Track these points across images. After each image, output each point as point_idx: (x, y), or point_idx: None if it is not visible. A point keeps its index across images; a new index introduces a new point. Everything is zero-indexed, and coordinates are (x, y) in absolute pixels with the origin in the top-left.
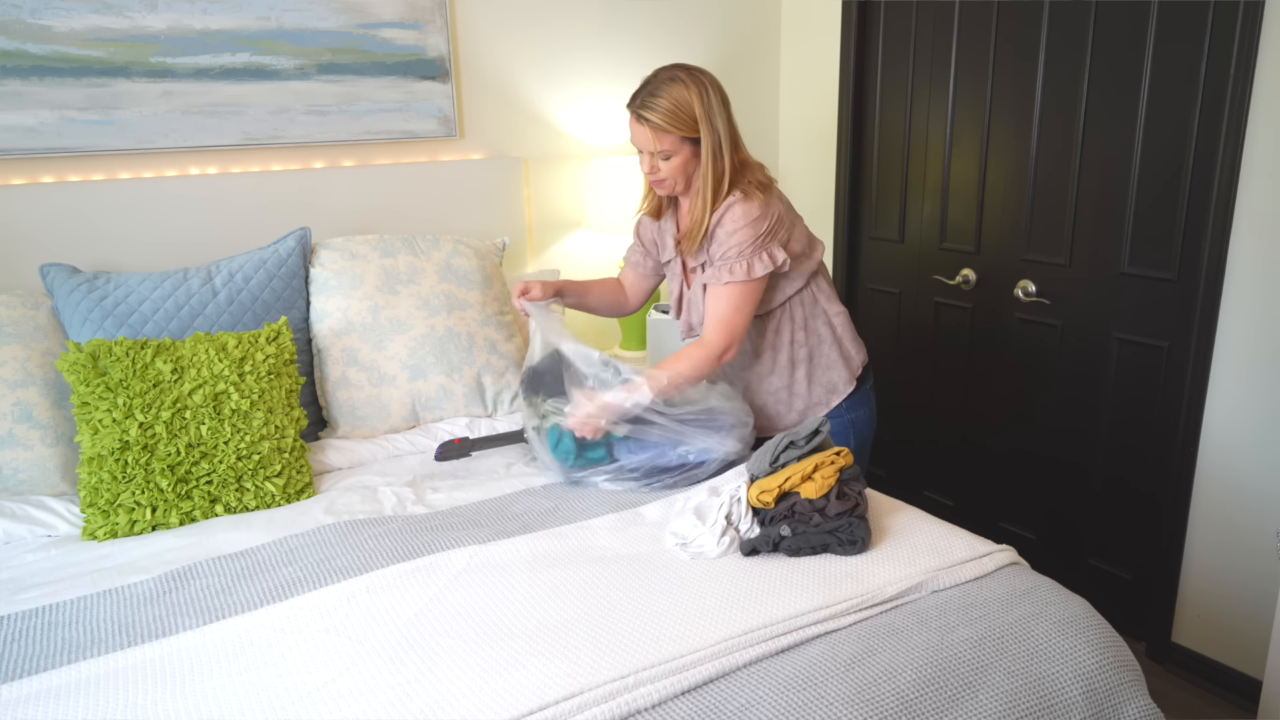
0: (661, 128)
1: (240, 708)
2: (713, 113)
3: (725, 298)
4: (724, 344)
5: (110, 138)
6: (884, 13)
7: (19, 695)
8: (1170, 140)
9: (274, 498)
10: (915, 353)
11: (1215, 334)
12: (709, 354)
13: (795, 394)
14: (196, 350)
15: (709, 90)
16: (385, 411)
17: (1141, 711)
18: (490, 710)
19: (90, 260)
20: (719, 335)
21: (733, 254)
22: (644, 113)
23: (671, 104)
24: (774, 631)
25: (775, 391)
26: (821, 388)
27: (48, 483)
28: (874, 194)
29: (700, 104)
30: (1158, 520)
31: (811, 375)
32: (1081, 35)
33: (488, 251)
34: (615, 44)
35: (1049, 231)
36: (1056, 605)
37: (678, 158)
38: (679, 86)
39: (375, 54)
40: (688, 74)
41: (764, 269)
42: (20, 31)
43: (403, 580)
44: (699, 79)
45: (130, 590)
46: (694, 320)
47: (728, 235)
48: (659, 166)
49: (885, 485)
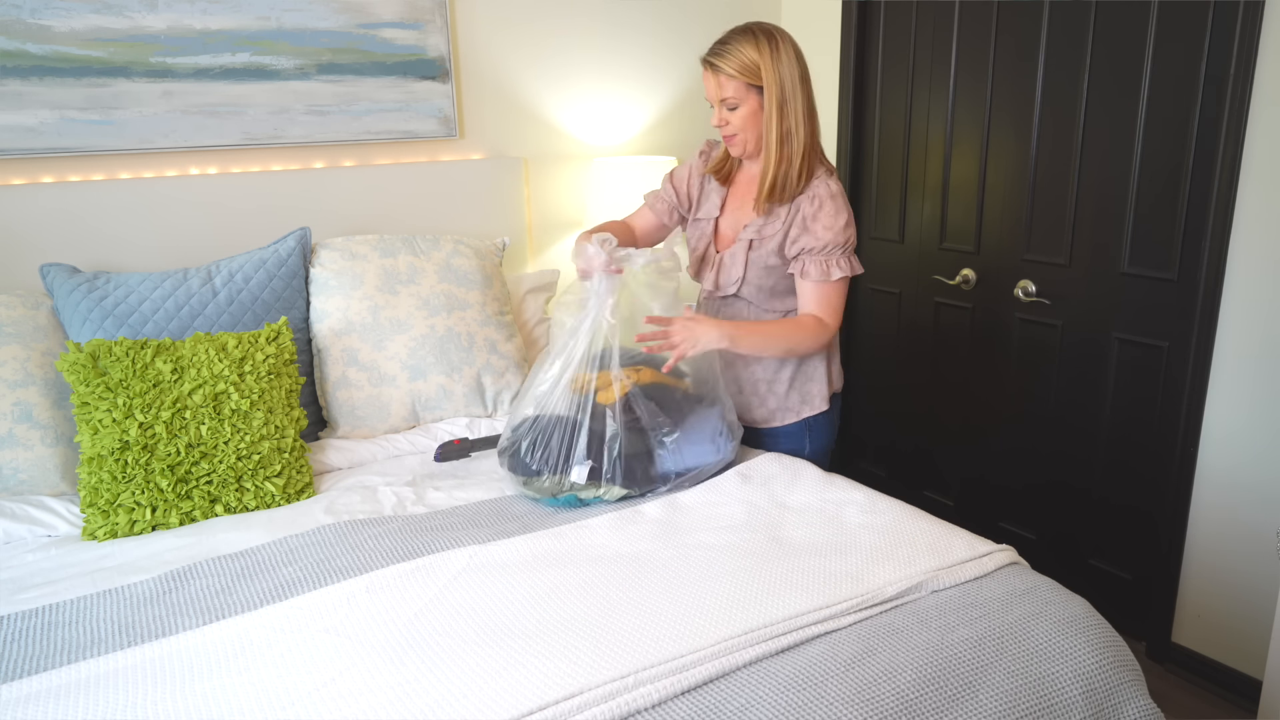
0: (725, 72)
1: (240, 708)
2: (780, 63)
3: (837, 290)
4: (836, 327)
5: (110, 138)
6: (884, 13)
7: (19, 695)
8: (1170, 140)
9: (274, 498)
10: (915, 353)
11: (1215, 334)
12: (826, 334)
13: (773, 392)
14: (196, 350)
15: (779, 44)
16: (385, 411)
17: (1141, 711)
18: (490, 710)
19: (90, 260)
20: (835, 320)
21: (837, 250)
22: (711, 58)
23: (738, 51)
24: (774, 631)
25: (754, 382)
26: (798, 395)
27: (48, 483)
28: (874, 194)
29: (768, 54)
30: (1157, 520)
31: (795, 380)
32: (1081, 35)
33: (488, 251)
34: (615, 44)
35: (1049, 231)
36: (1056, 605)
37: (744, 108)
38: (749, 37)
39: (375, 54)
40: (761, 28)
41: (858, 268)
42: (20, 31)
43: (402, 580)
44: (771, 34)
45: (130, 590)
46: (723, 281)
47: (830, 233)
48: (728, 119)
49: (885, 485)
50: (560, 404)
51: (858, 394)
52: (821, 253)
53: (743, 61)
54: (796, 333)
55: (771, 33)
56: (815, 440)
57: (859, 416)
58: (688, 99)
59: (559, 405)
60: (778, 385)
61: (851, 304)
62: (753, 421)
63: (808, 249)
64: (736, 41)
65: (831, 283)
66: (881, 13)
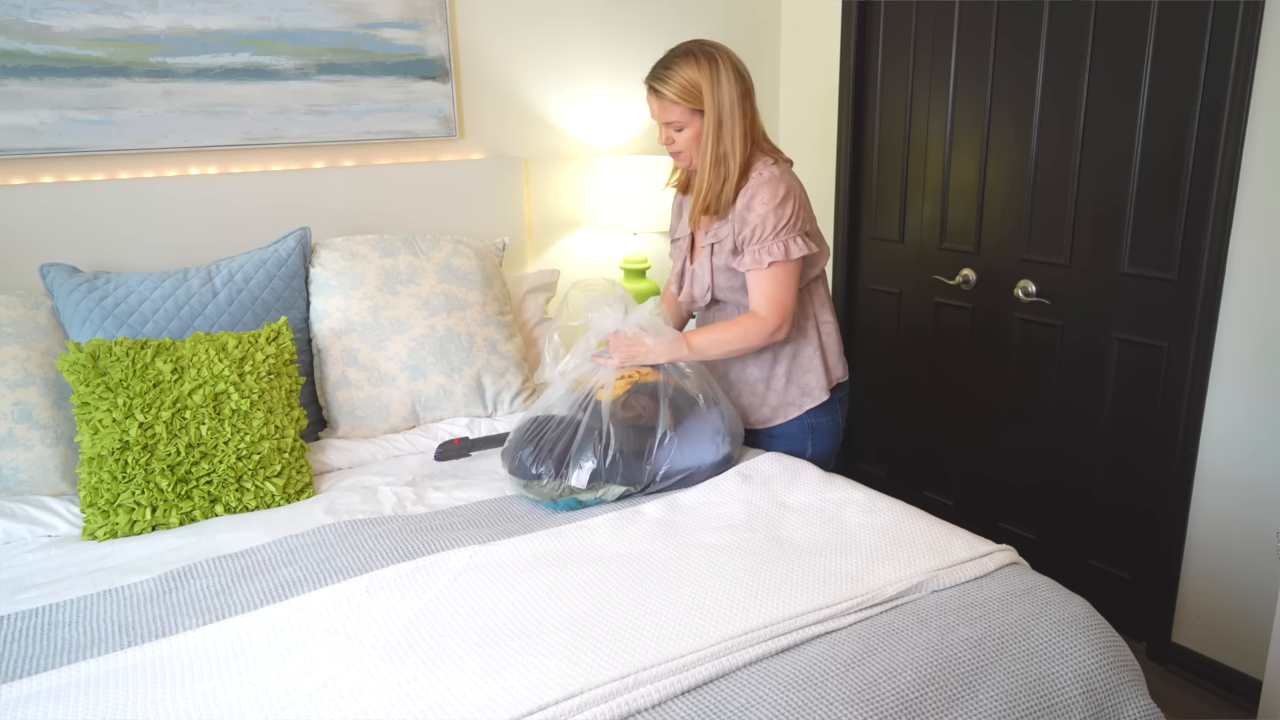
0: (668, 99)
1: (240, 708)
2: (720, 88)
3: (771, 278)
4: (778, 321)
5: (110, 138)
6: (884, 13)
7: (19, 695)
8: (1170, 140)
9: (274, 498)
10: (915, 353)
11: (1215, 334)
12: (763, 328)
13: (771, 389)
14: (196, 350)
15: (720, 66)
16: (385, 411)
17: (1141, 711)
18: (490, 710)
19: (90, 260)
20: (773, 312)
21: (768, 236)
22: (654, 83)
23: (680, 77)
24: (774, 631)
25: (752, 383)
26: (797, 388)
27: (48, 483)
28: (874, 194)
29: (709, 79)
30: (1158, 520)
31: (791, 374)
32: (1081, 35)
33: (488, 251)
34: (615, 44)
35: (1049, 231)
36: (1056, 605)
37: (689, 130)
38: (690, 61)
39: (375, 54)
40: (701, 49)
41: (799, 251)
42: (20, 31)
43: (403, 580)
44: (712, 55)
45: (130, 590)
46: (696, 293)
47: (759, 219)
48: (674, 138)
49: (885, 485)
50: (561, 405)
51: (858, 394)
52: (756, 240)
53: (684, 86)
54: (733, 331)
55: (713, 54)
56: (818, 443)
57: (859, 416)
58: None
59: (560, 406)
60: (775, 382)
61: (851, 304)
62: (757, 422)
63: (746, 240)
64: (679, 65)
65: (765, 271)
66: (881, 13)
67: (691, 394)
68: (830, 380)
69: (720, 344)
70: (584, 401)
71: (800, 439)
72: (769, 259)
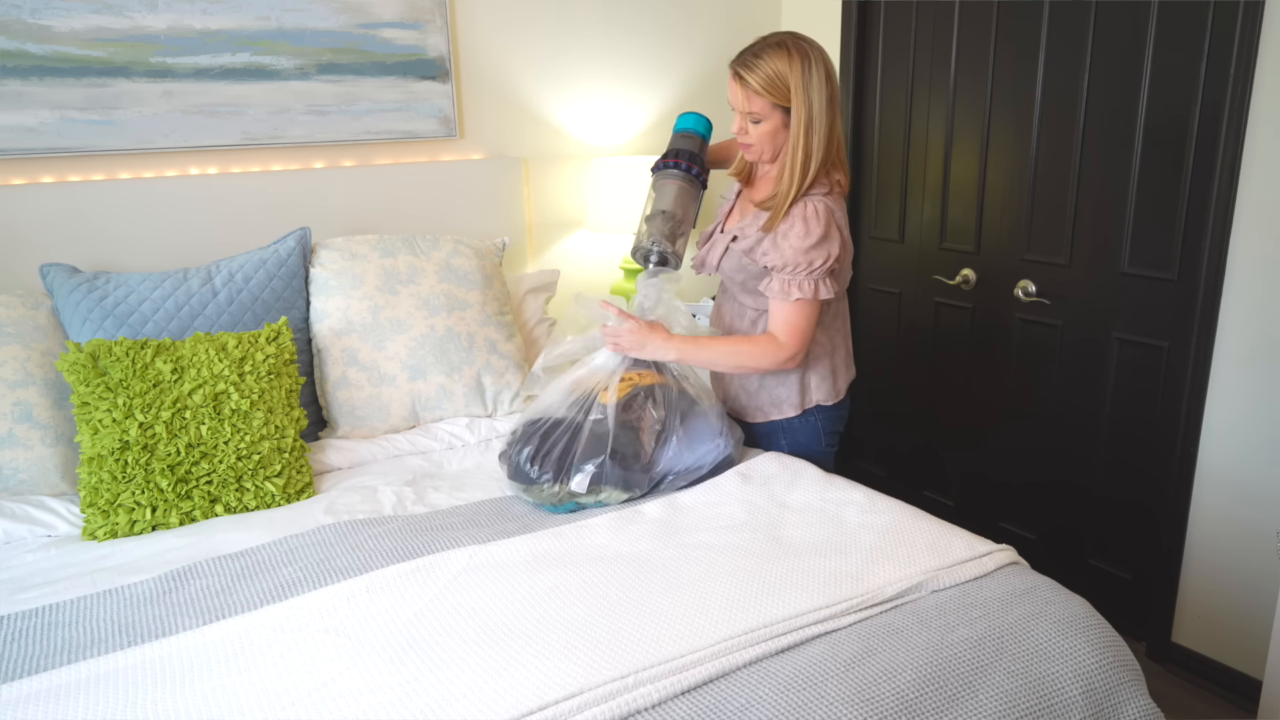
0: (754, 89)
1: (240, 708)
2: (810, 86)
3: (796, 310)
4: (795, 349)
5: (110, 138)
6: (884, 13)
7: (19, 695)
8: (1170, 140)
9: (274, 498)
10: (915, 353)
11: (1215, 334)
12: (779, 354)
13: (744, 389)
14: (196, 350)
15: (813, 63)
16: (385, 411)
17: (1141, 711)
18: (490, 710)
19: (90, 260)
20: (791, 339)
21: (801, 272)
22: (741, 70)
23: (768, 67)
24: (774, 631)
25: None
26: (767, 396)
27: (48, 483)
28: (874, 194)
29: (800, 74)
30: (1158, 520)
31: (763, 381)
32: (1081, 35)
33: (488, 251)
34: (615, 44)
35: (1049, 231)
36: (1056, 605)
37: (767, 124)
38: (781, 52)
39: (375, 54)
40: (795, 42)
41: (826, 293)
42: (20, 31)
43: (403, 580)
44: (805, 51)
45: (130, 590)
46: (709, 259)
47: (795, 253)
48: (749, 129)
49: (885, 485)
50: (561, 407)
51: (858, 394)
52: (784, 271)
53: (771, 77)
54: (749, 349)
55: (806, 50)
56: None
57: (859, 416)
58: (688, 99)
59: (559, 409)
60: (748, 383)
61: (852, 304)
62: (754, 420)
63: (774, 265)
64: (769, 55)
65: (791, 303)
66: (881, 13)
67: (692, 395)
68: (806, 401)
69: (732, 355)
70: (584, 404)
71: (801, 432)
72: (797, 294)
